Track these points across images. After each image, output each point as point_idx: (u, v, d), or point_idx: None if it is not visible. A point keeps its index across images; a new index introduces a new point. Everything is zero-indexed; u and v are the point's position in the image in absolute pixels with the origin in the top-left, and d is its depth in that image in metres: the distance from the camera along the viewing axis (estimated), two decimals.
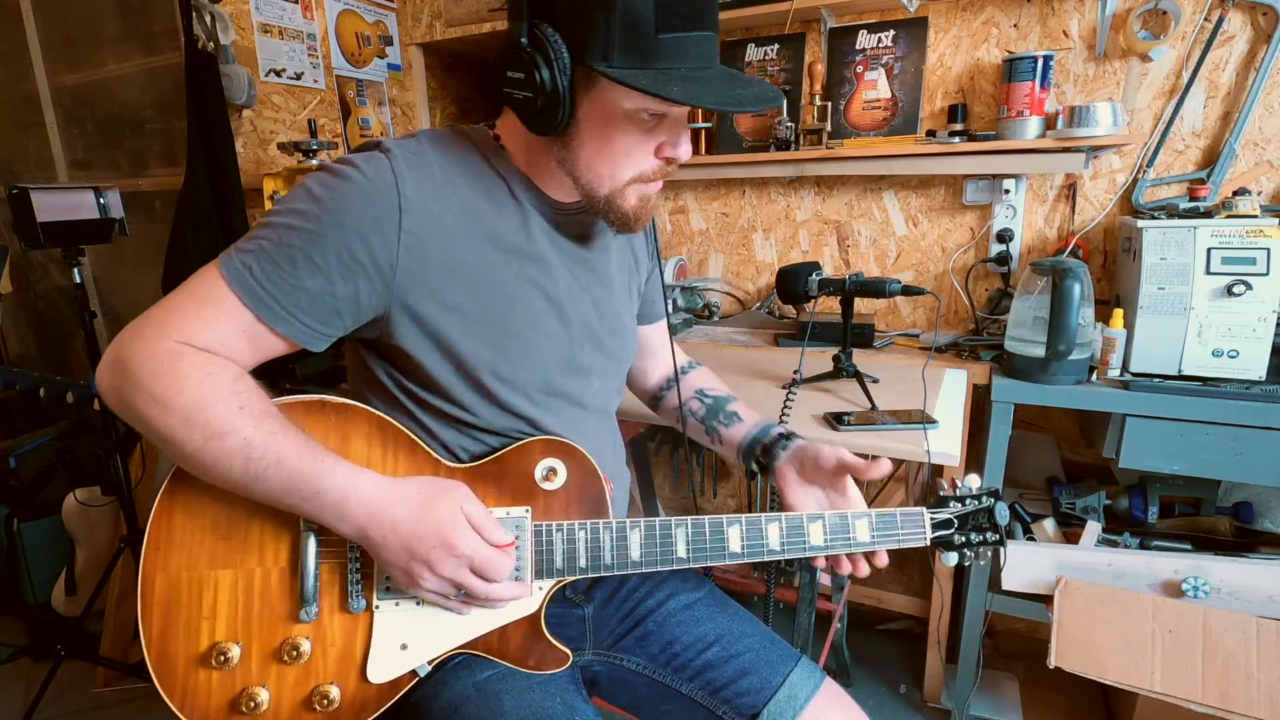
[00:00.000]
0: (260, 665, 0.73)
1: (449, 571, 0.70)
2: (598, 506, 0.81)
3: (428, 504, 0.70)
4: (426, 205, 0.72)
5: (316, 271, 0.69)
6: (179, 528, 0.72)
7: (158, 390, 0.65)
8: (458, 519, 0.70)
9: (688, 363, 1.10)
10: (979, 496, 0.84)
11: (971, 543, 0.83)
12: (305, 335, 0.72)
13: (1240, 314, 1.31)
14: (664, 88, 0.65)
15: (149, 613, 0.72)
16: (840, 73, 1.89)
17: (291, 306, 0.69)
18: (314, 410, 0.75)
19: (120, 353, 0.67)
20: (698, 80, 0.68)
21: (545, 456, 0.80)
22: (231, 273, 0.68)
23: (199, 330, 0.68)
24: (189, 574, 0.72)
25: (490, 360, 0.78)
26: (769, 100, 0.72)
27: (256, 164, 1.92)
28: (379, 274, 0.71)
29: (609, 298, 0.90)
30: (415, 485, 0.72)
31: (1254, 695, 1.23)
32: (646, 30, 0.65)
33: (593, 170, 0.74)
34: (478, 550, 0.70)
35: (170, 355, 0.66)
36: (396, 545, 0.69)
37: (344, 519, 0.68)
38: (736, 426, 0.99)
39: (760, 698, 0.83)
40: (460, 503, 0.72)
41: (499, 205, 0.78)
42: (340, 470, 0.68)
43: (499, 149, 0.80)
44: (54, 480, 2.17)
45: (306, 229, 0.68)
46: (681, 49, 0.67)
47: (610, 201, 0.76)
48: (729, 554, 0.79)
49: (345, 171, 0.70)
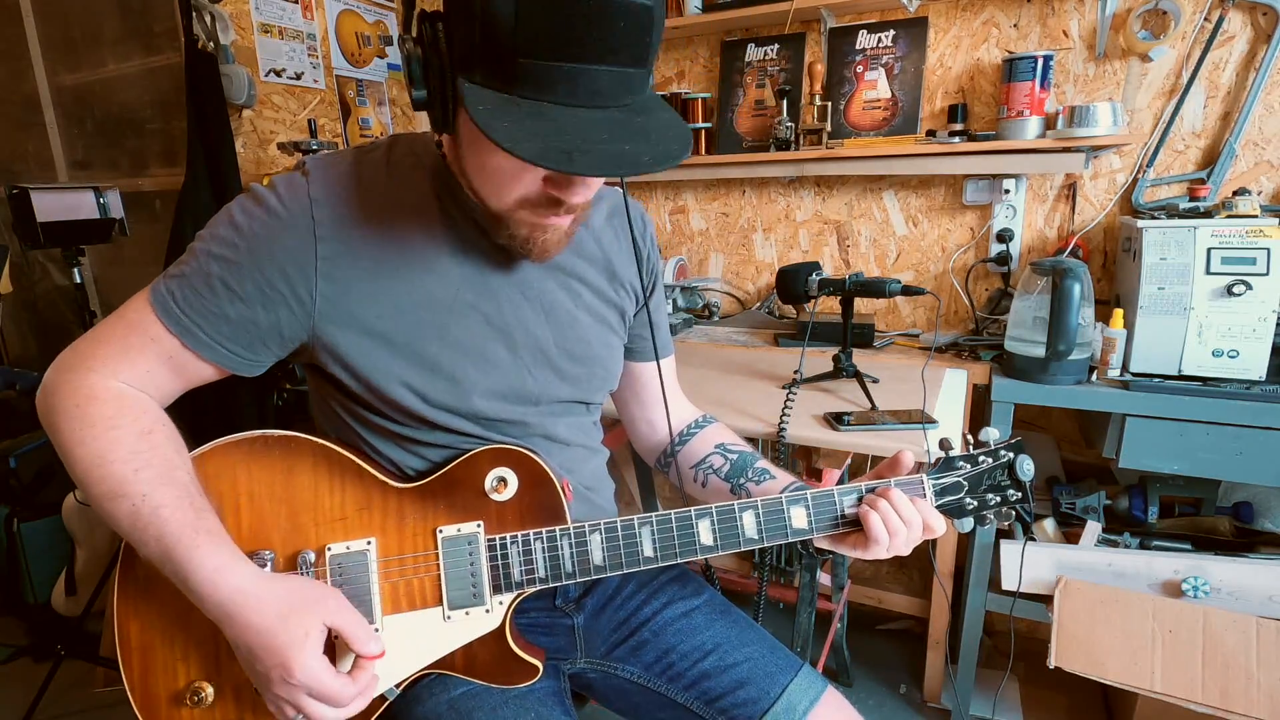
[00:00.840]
0: (235, 701, 0.73)
1: (285, 694, 0.65)
2: (555, 513, 0.77)
3: (284, 616, 0.65)
4: (345, 232, 0.70)
5: (237, 300, 0.69)
6: (144, 574, 0.73)
7: (66, 433, 0.67)
8: (307, 640, 0.64)
9: (701, 416, 1.02)
10: (995, 452, 0.76)
11: (988, 504, 0.76)
12: (232, 361, 0.72)
13: (1240, 314, 1.31)
14: (493, 121, 0.55)
15: (128, 657, 0.73)
16: (840, 73, 1.89)
17: (214, 333, 0.70)
18: (258, 447, 0.74)
19: (47, 383, 0.69)
20: (552, 121, 0.57)
21: (494, 466, 0.77)
22: (157, 299, 0.69)
23: (123, 362, 0.69)
24: (160, 617, 0.73)
25: (421, 387, 0.75)
26: (624, 165, 0.58)
27: (256, 164, 1.92)
28: (299, 303, 0.70)
29: (574, 320, 0.84)
30: (280, 591, 0.66)
31: (1254, 695, 1.23)
32: (505, 51, 0.56)
33: (477, 183, 0.68)
34: (316, 682, 0.64)
35: (85, 396, 0.67)
36: (243, 652, 0.66)
37: (206, 610, 0.66)
38: (769, 483, 0.89)
39: (757, 709, 0.81)
40: (322, 616, 0.66)
41: (431, 227, 0.74)
42: (210, 563, 0.65)
43: (441, 162, 0.75)
44: (54, 480, 2.17)
45: (225, 257, 0.68)
46: (547, 80, 0.57)
47: (499, 221, 0.69)
48: (701, 547, 0.75)
49: (265, 198, 0.69)
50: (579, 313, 0.84)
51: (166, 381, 0.71)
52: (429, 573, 0.75)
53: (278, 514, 0.74)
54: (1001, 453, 0.77)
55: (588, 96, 0.58)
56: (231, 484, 0.74)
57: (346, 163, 0.73)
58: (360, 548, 0.75)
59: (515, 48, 0.55)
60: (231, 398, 1.75)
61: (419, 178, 0.75)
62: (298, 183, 0.70)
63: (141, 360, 0.70)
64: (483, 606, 0.75)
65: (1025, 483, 0.76)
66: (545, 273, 0.81)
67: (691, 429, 0.99)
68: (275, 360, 0.75)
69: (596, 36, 0.56)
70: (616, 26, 0.56)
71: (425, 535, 0.76)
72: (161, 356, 0.70)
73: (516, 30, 0.55)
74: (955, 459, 0.77)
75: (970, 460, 0.77)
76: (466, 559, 0.75)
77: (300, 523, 0.74)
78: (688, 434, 0.98)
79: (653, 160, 0.58)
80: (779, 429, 1.24)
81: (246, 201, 0.70)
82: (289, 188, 0.70)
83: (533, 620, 0.87)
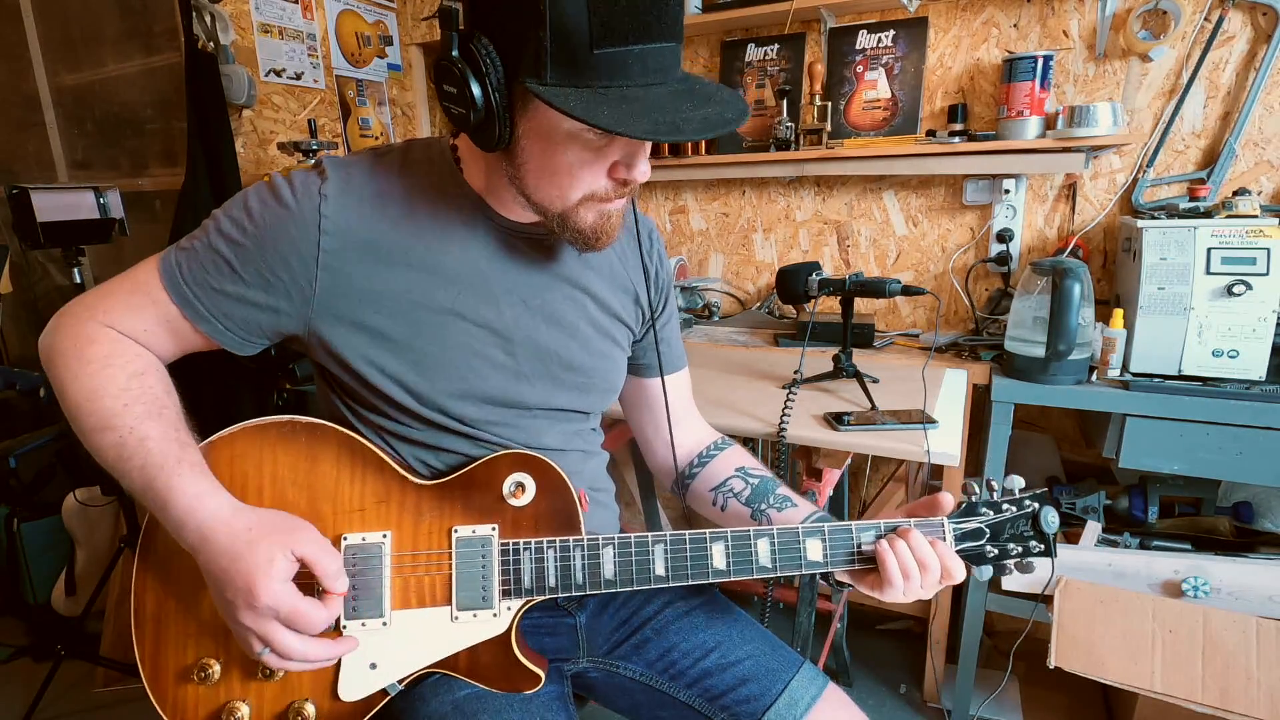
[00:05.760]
0: (240, 681, 0.74)
1: (249, 621, 0.65)
2: (570, 522, 0.77)
3: (251, 542, 0.65)
4: (350, 229, 0.72)
5: (239, 281, 0.71)
6: (163, 548, 0.74)
7: (63, 370, 0.70)
8: (272, 565, 0.64)
9: (721, 439, 1.00)
10: (1019, 501, 0.75)
11: (1009, 553, 0.74)
12: (226, 338, 0.74)
13: (1240, 314, 1.31)
14: (593, 112, 0.58)
15: (141, 629, 0.75)
16: (840, 73, 1.89)
17: (213, 308, 0.72)
18: (285, 432, 0.76)
19: (51, 325, 0.73)
20: (639, 101, 0.61)
21: (513, 471, 0.77)
22: (165, 267, 0.72)
23: (125, 315, 0.72)
24: (174, 593, 0.75)
25: (414, 385, 0.76)
26: (718, 125, 0.63)
27: (256, 164, 1.92)
28: (299, 292, 0.72)
29: (575, 330, 0.84)
30: (252, 519, 0.68)
31: (1254, 695, 1.23)
32: (580, 45, 0.58)
33: (540, 190, 0.69)
34: (282, 603, 0.64)
35: (85, 339, 0.71)
36: (213, 580, 0.67)
37: (182, 540, 0.68)
38: (790, 512, 0.88)
39: (759, 705, 0.81)
40: (291, 545, 0.66)
41: (441, 229, 0.75)
42: (190, 489, 0.67)
43: (455, 167, 0.77)
44: (54, 480, 2.17)
45: (234, 239, 0.71)
46: (623, 64, 0.60)
47: (564, 220, 0.71)
48: (713, 571, 0.75)
49: (280, 188, 0.72)
50: (581, 324, 0.84)
51: (163, 342, 0.74)
52: (440, 571, 0.76)
53: (298, 500, 0.75)
54: (1026, 502, 0.75)
55: (657, 74, 0.63)
56: (257, 466, 0.75)
57: (362, 164, 0.75)
58: (376, 540, 0.75)
59: (591, 39, 0.58)
60: (231, 397, 1.75)
61: (432, 182, 0.76)
62: (312, 179, 0.73)
63: (141, 318, 0.73)
64: (490, 610, 0.75)
65: (1049, 535, 0.74)
66: (551, 282, 0.82)
67: (711, 451, 0.97)
68: (266, 345, 0.78)
69: (657, 15, 0.60)
70: (670, 3, 0.61)
71: (440, 534, 0.76)
72: (160, 319, 0.73)
73: (590, 22, 0.58)
74: (978, 505, 0.75)
75: (993, 507, 0.75)
76: (479, 561, 0.76)
77: (319, 510, 0.75)
78: (707, 455, 0.97)
79: (736, 117, 0.64)
80: (779, 429, 1.24)
81: (263, 189, 0.73)
82: (303, 182, 0.73)
83: (536, 621, 0.87)
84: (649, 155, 0.70)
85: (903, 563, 0.72)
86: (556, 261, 0.82)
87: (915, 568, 0.72)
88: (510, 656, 0.76)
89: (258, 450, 0.75)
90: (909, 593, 0.73)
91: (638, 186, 0.71)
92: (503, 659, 0.76)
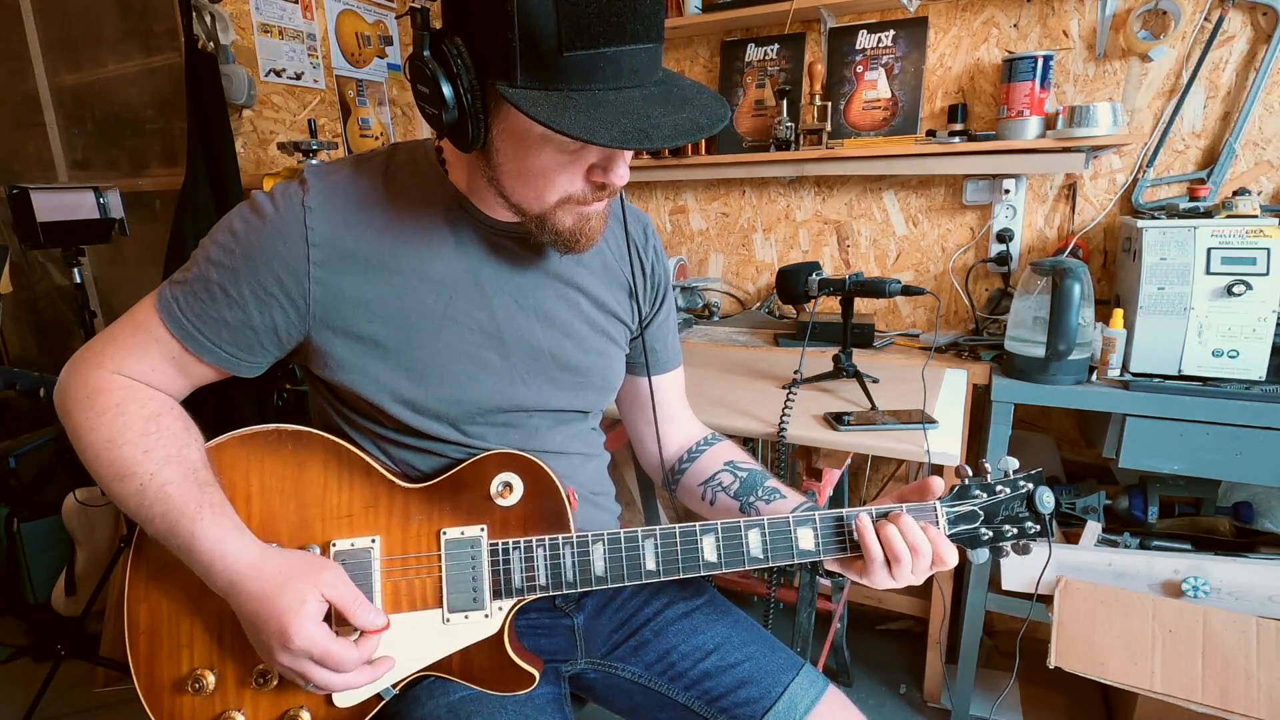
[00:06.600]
0: (235, 690, 0.74)
1: (288, 662, 0.67)
2: (559, 520, 0.77)
3: (281, 585, 0.67)
4: (337, 239, 0.72)
5: (234, 305, 0.71)
6: (156, 560, 0.74)
7: (79, 421, 0.71)
8: (304, 608, 0.66)
9: (710, 434, 1.00)
10: (1014, 482, 0.74)
11: (1004, 536, 0.73)
12: (231, 364, 0.75)
13: (1240, 314, 1.31)
14: (559, 117, 0.57)
15: (135, 640, 0.74)
16: (840, 73, 1.89)
17: (214, 337, 0.73)
18: (271, 440, 0.76)
19: (63, 379, 0.74)
20: (609, 105, 0.59)
21: (500, 470, 0.77)
22: (162, 304, 0.73)
23: (130, 359, 0.73)
24: (168, 604, 0.75)
25: (409, 393, 0.76)
26: (691, 132, 0.60)
27: (256, 164, 1.92)
28: (293, 305, 0.72)
29: (570, 329, 0.83)
30: (280, 562, 0.69)
31: (1254, 695, 1.23)
32: (549, 47, 0.57)
33: (516, 192, 0.69)
34: (315, 644, 0.66)
35: (95, 389, 0.71)
36: (247, 622, 0.69)
37: (212, 584, 0.69)
38: (779, 503, 0.87)
39: (759, 707, 0.81)
40: (320, 588, 0.68)
41: (427, 233, 0.75)
42: (213, 533, 0.68)
43: (440, 169, 0.76)
44: (54, 480, 2.17)
45: (223, 264, 0.71)
46: (594, 67, 0.58)
47: (542, 222, 0.70)
48: (704, 564, 0.75)
49: (261, 205, 0.72)
50: (576, 321, 0.84)
51: (172, 379, 0.75)
52: (430, 574, 0.75)
53: (286, 508, 0.75)
54: (1020, 483, 0.74)
55: (631, 77, 0.60)
56: (244, 476, 0.75)
57: (344, 171, 0.75)
58: (364, 545, 0.75)
59: (560, 42, 0.56)
60: (231, 397, 1.75)
61: (416, 186, 0.76)
62: (293, 191, 0.73)
63: (147, 359, 0.73)
64: (482, 611, 0.75)
65: (1045, 516, 0.73)
66: (543, 281, 0.81)
67: (700, 446, 0.97)
68: (274, 360, 0.77)
69: (630, 16, 0.58)
70: (644, 4, 0.58)
71: (429, 536, 0.76)
72: (166, 356, 0.73)
73: (559, 24, 0.56)
74: (971, 487, 0.74)
75: (987, 489, 0.74)
76: (468, 562, 0.76)
77: (308, 517, 0.75)
78: (696, 451, 0.97)
79: (710, 123, 0.61)
80: (779, 429, 1.24)
81: (245, 210, 0.73)
82: (284, 196, 0.72)
83: (533, 622, 0.87)
84: (630, 159, 0.68)
85: (893, 548, 0.71)
86: (547, 259, 0.81)
87: (906, 552, 0.71)
88: (504, 657, 0.76)
89: (245, 460, 0.75)
90: (900, 578, 0.72)
91: (618, 189, 0.70)
92: (496, 660, 0.76)
